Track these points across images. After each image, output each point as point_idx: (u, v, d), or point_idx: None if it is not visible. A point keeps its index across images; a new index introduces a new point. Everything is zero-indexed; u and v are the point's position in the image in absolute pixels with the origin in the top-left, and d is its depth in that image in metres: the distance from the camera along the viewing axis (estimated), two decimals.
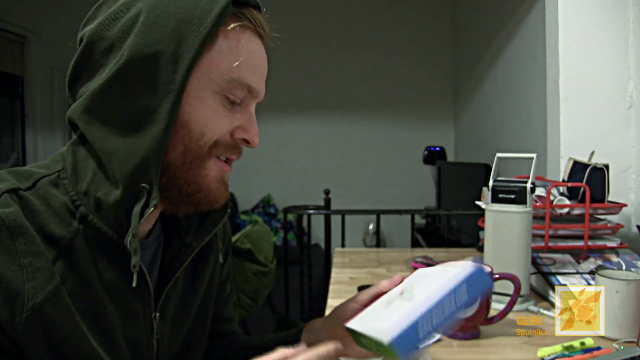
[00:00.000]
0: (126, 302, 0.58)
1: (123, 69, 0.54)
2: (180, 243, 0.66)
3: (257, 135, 0.61)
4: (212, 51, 0.56)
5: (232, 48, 0.57)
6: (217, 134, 0.57)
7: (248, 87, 0.58)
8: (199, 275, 0.71)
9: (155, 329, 0.63)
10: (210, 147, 0.57)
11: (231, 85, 0.57)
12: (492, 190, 1.02)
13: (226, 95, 0.57)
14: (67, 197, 0.55)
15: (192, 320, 0.71)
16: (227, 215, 0.69)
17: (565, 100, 1.43)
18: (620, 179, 1.39)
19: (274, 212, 3.92)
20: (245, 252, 1.62)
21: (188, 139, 0.56)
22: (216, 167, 0.59)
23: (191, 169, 0.57)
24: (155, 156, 0.54)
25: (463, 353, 0.83)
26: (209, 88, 0.56)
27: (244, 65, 0.57)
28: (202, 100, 0.56)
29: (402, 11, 3.86)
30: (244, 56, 0.57)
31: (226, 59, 0.56)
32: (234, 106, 0.59)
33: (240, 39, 0.58)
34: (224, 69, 0.56)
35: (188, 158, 0.56)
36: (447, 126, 3.85)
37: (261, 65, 0.61)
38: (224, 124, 0.58)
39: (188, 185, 0.58)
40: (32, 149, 3.80)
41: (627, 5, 1.40)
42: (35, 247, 0.51)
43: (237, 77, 0.57)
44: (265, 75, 0.63)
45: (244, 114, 0.60)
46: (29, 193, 0.54)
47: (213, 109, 0.57)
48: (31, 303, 0.49)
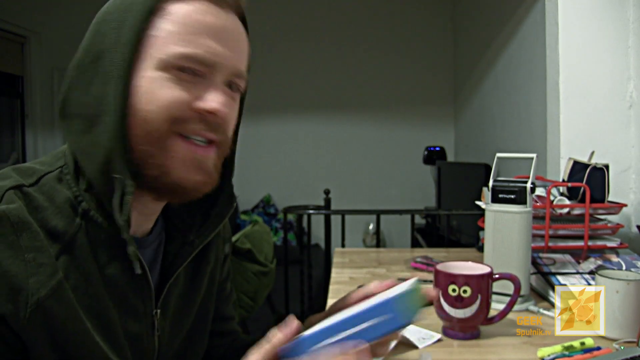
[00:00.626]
0: (127, 298, 0.59)
1: (78, 68, 0.56)
2: (183, 240, 0.66)
3: (217, 102, 0.56)
4: (152, 29, 0.55)
5: (173, 21, 0.55)
6: (169, 108, 0.55)
7: (196, 56, 0.55)
8: (200, 272, 0.71)
9: (156, 326, 0.63)
10: (167, 124, 0.55)
11: (177, 59, 0.55)
12: (492, 190, 1.02)
13: (175, 69, 0.55)
14: (70, 192, 0.56)
15: (193, 318, 0.71)
16: (232, 210, 0.68)
17: (565, 100, 1.43)
18: (620, 179, 1.39)
19: (274, 212, 3.92)
20: (245, 252, 1.62)
21: (143, 121, 0.55)
22: (182, 149, 0.56)
23: (154, 152, 0.55)
24: (117, 145, 0.53)
25: (463, 353, 0.83)
26: (155, 66, 0.55)
27: (188, 36, 0.55)
28: (150, 81, 0.55)
29: (402, 11, 3.86)
30: (188, 25, 0.55)
31: (168, 33, 0.55)
32: (191, 80, 0.56)
33: (183, 9, 0.56)
34: (167, 44, 0.55)
35: (149, 141, 0.55)
36: (447, 126, 3.85)
37: (216, 31, 0.57)
38: (176, 96, 0.55)
39: (154, 169, 0.56)
40: (32, 149, 3.80)
41: (627, 5, 1.40)
42: (39, 243, 0.51)
43: (180, 50, 0.55)
44: (234, 44, 0.59)
45: (207, 86, 0.57)
46: (32, 189, 0.54)
47: (161, 85, 0.55)
48: (35, 298, 0.49)
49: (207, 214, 0.66)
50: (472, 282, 0.84)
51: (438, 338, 0.87)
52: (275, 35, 3.82)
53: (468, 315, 0.84)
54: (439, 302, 0.86)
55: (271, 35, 3.79)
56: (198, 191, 0.59)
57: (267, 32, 3.76)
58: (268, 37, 3.77)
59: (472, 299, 0.84)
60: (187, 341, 0.70)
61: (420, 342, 0.84)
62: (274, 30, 3.83)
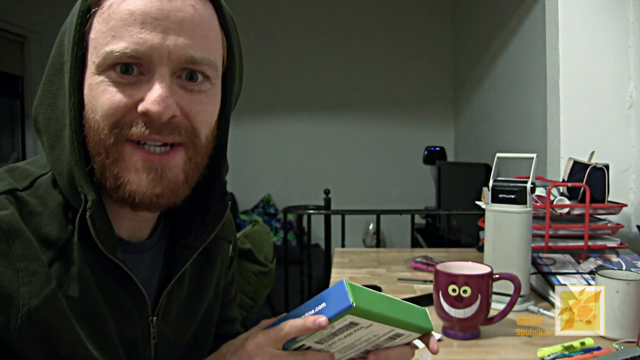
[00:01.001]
0: (121, 305, 0.57)
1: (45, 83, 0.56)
2: (183, 243, 0.64)
3: (154, 103, 0.50)
4: (91, 32, 0.52)
5: (105, 18, 0.51)
6: (111, 115, 0.51)
7: (125, 50, 0.50)
8: (205, 276, 0.69)
9: (152, 334, 0.61)
10: (109, 131, 0.51)
11: (111, 59, 0.50)
12: (492, 190, 1.02)
13: (113, 71, 0.51)
14: (62, 197, 0.55)
15: (198, 322, 0.69)
16: (228, 209, 0.65)
17: (565, 100, 1.43)
18: (620, 179, 1.39)
19: (274, 212, 3.92)
20: (245, 252, 1.62)
21: (92, 131, 0.52)
22: (134, 157, 0.52)
23: (108, 163, 0.52)
24: (74, 158, 0.52)
25: (463, 353, 0.83)
26: (95, 71, 0.52)
27: (117, 31, 0.50)
28: (91, 87, 0.52)
29: (402, 11, 3.86)
30: (113, 20, 0.51)
31: (101, 33, 0.51)
32: (135, 80, 0.52)
33: (111, 2, 0.51)
34: (100, 45, 0.51)
35: (101, 152, 0.52)
36: (447, 126, 3.85)
37: (144, 16, 0.50)
38: (116, 101, 0.51)
39: (110, 180, 0.53)
40: (32, 149, 3.80)
41: (627, 5, 1.40)
42: (31, 251, 0.50)
43: (112, 48, 0.50)
44: (174, 25, 0.51)
45: (149, 82, 0.52)
46: (26, 193, 0.53)
47: (100, 91, 0.51)
48: (26, 308, 0.48)
49: (205, 215, 0.64)
50: (472, 282, 0.84)
51: (438, 338, 0.87)
52: (275, 35, 3.82)
53: (468, 315, 0.84)
54: (439, 302, 0.86)
55: (271, 35, 3.79)
56: (156, 204, 0.54)
57: (266, 32, 3.76)
58: (268, 37, 3.77)
59: (472, 299, 0.84)
60: (191, 345, 0.69)
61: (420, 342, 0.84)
62: (274, 30, 3.83)
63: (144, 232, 0.63)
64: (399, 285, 1.22)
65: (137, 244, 0.62)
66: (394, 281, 1.24)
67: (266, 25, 3.75)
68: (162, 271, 0.65)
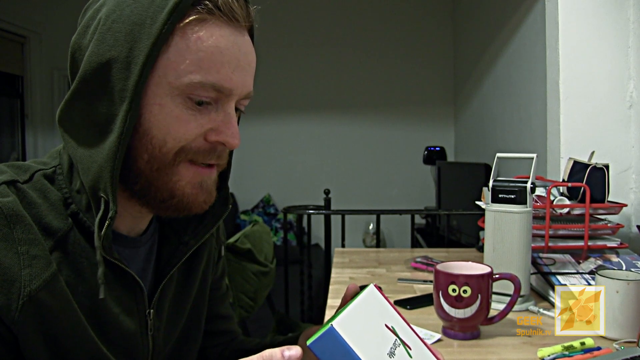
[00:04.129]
0: (120, 297, 0.59)
1: (82, 80, 0.54)
2: (178, 241, 0.66)
3: (233, 137, 0.56)
4: (168, 52, 0.52)
5: (191, 45, 0.52)
6: (181, 140, 0.54)
7: (214, 86, 0.53)
8: (192, 272, 0.71)
9: (150, 326, 0.63)
10: (175, 154, 0.54)
11: (193, 87, 0.53)
12: (492, 190, 1.02)
13: (190, 97, 0.53)
14: (60, 193, 0.56)
15: (186, 317, 0.71)
16: (227, 212, 0.67)
17: (565, 100, 1.43)
18: (620, 179, 1.39)
19: (274, 212, 3.92)
20: (245, 252, 1.62)
21: (151, 147, 0.54)
22: (189, 173, 0.56)
23: (160, 176, 0.55)
24: (110, 166, 0.52)
25: (463, 353, 0.83)
26: (169, 92, 0.53)
27: (206, 63, 0.53)
28: (162, 107, 0.53)
29: (402, 11, 3.86)
30: (204, 53, 0.52)
31: (183, 59, 0.52)
32: (204, 108, 0.55)
33: (199, 34, 0.53)
34: (183, 71, 0.52)
35: (154, 166, 0.55)
36: (447, 126, 3.85)
37: (231, 59, 0.54)
38: (189, 129, 0.54)
39: (160, 192, 0.56)
40: (32, 149, 3.80)
41: (627, 6, 1.40)
42: (32, 236, 0.51)
43: (197, 79, 0.53)
44: (246, 68, 0.57)
45: (219, 114, 0.56)
46: (26, 186, 0.54)
47: (175, 115, 0.53)
48: (27, 290, 0.49)
49: (203, 215, 0.66)
50: (472, 282, 0.84)
51: (438, 338, 0.87)
52: (275, 35, 3.82)
53: (468, 315, 0.84)
54: (439, 302, 0.86)
55: (271, 35, 3.79)
56: (201, 209, 0.59)
57: (267, 32, 3.76)
58: (268, 37, 3.77)
59: (472, 299, 0.84)
60: (181, 340, 0.71)
61: None
62: (274, 30, 3.83)
63: (142, 227, 0.65)
64: (399, 285, 1.22)
65: (135, 238, 0.63)
66: (394, 281, 1.25)
67: (265, 25, 3.75)
68: (154, 265, 0.66)
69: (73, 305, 0.53)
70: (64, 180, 0.57)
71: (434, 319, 0.90)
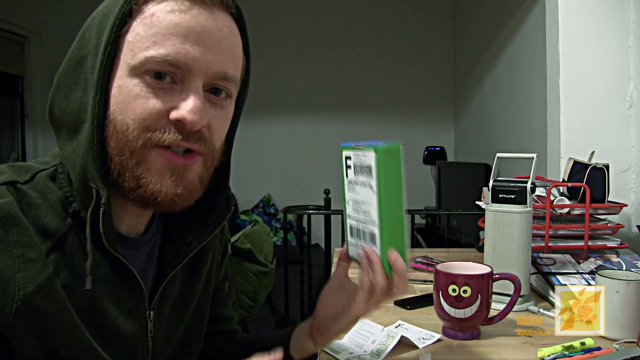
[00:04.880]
0: (120, 298, 0.58)
1: (62, 74, 0.55)
2: (181, 242, 0.65)
3: (191, 112, 0.53)
4: (127, 35, 0.52)
5: (146, 23, 0.52)
6: (141, 120, 0.52)
7: (168, 60, 0.52)
8: (196, 273, 0.71)
9: (150, 327, 0.62)
10: (141, 135, 0.52)
11: (147, 63, 0.51)
12: (492, 190, 1.02)
13: (148, 76, 0.52)
14: (61, 192, 0.56)
15: (189, 319, 0.70)
16: (230, 213, 0.67)
17: (565, 100, 1.43)
18: (620, 179, 1.39)
19: (274, 212, 3.92)
20: (245, 252, 1.62)
21: (116, 132, 0.53)
22: (160, 159, 0.54)
23: (130, 164, 0.53)
24: (91, 155, 0.52)
25: (463, 353, 0.83)
26: (128, 73, 0.52)
27: (159, 38, 0.52)
28: (121, 88, 0.52)
29: (403, 11, 3.86)
30: (159, 26, 0.52)
31: (140, 37, 0.52)
32: (168, 87, 0.53)
33: (154, 12, 0.52)
34: (138, 48, 0.52)
35: (124, 153, 0.53)
36: (447, 126, 3.85)
37: (190, 31, 0.52)
38: (148, 107, 0.52)
39: (129, 180, 0.54)
40: (32, 149, 3.80)
41: (627, 5, 1.40)
42: (28, 238, 0.51)
43: (151, 53, 0.51)
44: (213, 42, 0.54)
45: (182, 92, 0.53)
46: (27, 186, 0.54)
47: (134, 94, 0.52)
48: (22, 293, 0.49)
49: (206, 216, 0.66)
50: (472, 282, 0.84)
51: (438, 338, 0.87)
52: (275, 35, 3.82)
53: (468, 315, 0.84)
54: (439, 302, 0.86)
55: (271, 35, 3.79)
56: (175, 204, 0.56)
57: (267, 32, 3.76)
58: (268, 37, 3.76)
59: (472, 299, 0.84)
60: (183, 342, 0.70)
61: (420, 342, 0.84)
62: (274, 30, 3.83)
63: (141, 227, 0.64)
64: None
65: (135, 238, 0.63)
66: None
67: (265, 25, 3.75)
68: (156, 267, 0.66)
69: (69, 308, 0.53)
70: (65, 179, 0.57)
71: (434, 319, 0.90)
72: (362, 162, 0.61)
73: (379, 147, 0.58)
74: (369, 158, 0.59)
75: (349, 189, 0.66)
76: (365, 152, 0.60)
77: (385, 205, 0.60)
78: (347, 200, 0.67)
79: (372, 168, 0.59)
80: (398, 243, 0.61)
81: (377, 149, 0.58)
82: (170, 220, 0.68)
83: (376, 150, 0.58)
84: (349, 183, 0.66)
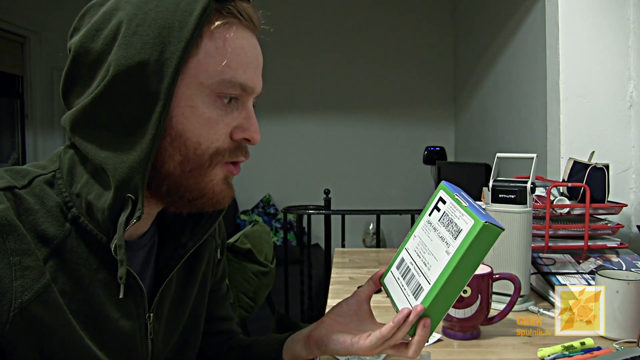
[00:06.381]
0: (119, 302, 0.58)
1: (110, 85, 0.53)
2: (175, 243, 0.65)
3: (257, 133, 0.59)
4: (198, 54, 0.54)
5: (219, 47, 0.55)
6: (214, 141, 0.56)
7: (241, 85, 0.56)
8: (192, 274, 0.70)
9: (149, 329, 0.62)
10: (211, 155, 0.56)
11: (222, 87, 0.55)
12: (492, 190, 1.02)
13: (219, 96, 0.55)
14: (60, 197, 0.55)
15: (186, 320, 0.70)
16: (223, 212, 0.67)
17: (565, 100, 1.43)
18: (620, 179, 1.39)
19: (274, 212, 3.92)
20: (245, 252, 1.62)
21: (185, 148, 0.55)
22: (222, 172, 0.58)
23: (192, 177, 0.56)
24: (141, 167, 0.52)
25: (463, 353, 0.83)
26: (200, 93, 0.54)
27: (233, 64, 0.55)
28: (194, 109, 0.54)
29: (402, 11, 3.86)
30: (232, 54, 0.55)
31: (214, 60, 0.54)
32: (229, 106, 0.57)
33: (226, 36, 0.55)
34: (213, 71, 0.54)
35: (187, 167, 0.55)
36: (447, 126, 3.85)
37: (253, 60, 0.58)
38: (220, 129, 0.56)
39: (190, 192, 0.57)
40: (32, 149, 3.80)
41: (627, 5, 1.40)
42: (25, 246, 0.50)
43: (227, 78, 0.55)
44: (260, 68, 0.61)
45: (241, 112, 0.58)
46: (24, 191, 0.53)
47: (206, 117, 0.55)
48: (18, 302, 0.48)
49: (200, 216, 0.66)
50: (472, 282, 0.84)
51: (438, 338, 0.87)
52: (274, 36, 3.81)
53: (468, 315, 0.84)
54: None
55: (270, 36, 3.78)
56: (225, 204, 0.61)
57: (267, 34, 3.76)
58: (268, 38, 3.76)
59: (472, 299, 0.84)
60: (180, 343, 0.70)
61: None
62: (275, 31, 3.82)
63: (143, 229, 0.64)
64: None
65: (134, 241, 0.63)
66: None
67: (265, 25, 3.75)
68: (153, 269, 0.66)
69: (67, 316, 0.52)
70: (64, 184, 0.56)
71: None
72: (455, 219, 0.59)
73: (482, 221, 0.55)
74: (465, 223, 0.57)
75: (425, 227, 0.63)
76: (465, 215, 0.57)
77: (451, 277, 0.56)
78: (415, 234, 0.65)
79: (462, 234, 0.56)
80: (437, 313, 0.58)
81: (480, 222, 0.55)
82: (163, 222, 0.67)
83: (478, 223, 0.55)
84: (428, 223, 0.63)
